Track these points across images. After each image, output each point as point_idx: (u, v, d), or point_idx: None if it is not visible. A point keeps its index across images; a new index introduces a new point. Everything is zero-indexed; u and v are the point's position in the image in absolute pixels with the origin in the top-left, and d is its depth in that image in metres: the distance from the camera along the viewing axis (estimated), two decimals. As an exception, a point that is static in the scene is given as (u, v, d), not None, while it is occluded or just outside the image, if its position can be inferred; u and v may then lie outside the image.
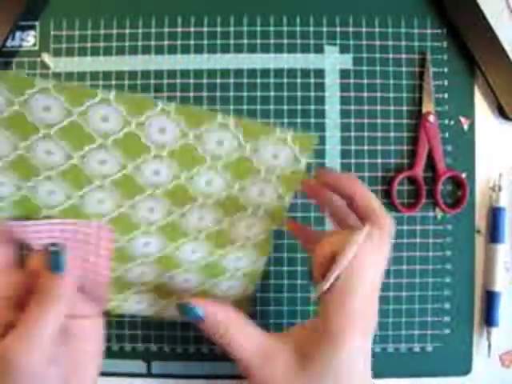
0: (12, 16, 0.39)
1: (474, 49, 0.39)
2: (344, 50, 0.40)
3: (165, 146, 0.29)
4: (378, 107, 0.40)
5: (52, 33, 0.41)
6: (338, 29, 0.41)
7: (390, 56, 0.40)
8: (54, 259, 0.28)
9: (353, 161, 0.40)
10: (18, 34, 0.41)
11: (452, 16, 0.40)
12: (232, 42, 0.41)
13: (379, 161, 0.40)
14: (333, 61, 0.40)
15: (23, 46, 0.41)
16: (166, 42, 0.41)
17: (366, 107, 0.40)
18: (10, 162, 0.29)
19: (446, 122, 0.40)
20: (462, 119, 0.40)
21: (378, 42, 0.40)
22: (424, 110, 0.40)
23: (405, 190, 0.40)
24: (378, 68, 0.40)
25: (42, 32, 0.41)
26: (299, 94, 0.40)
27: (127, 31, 0.41)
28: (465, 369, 0.40)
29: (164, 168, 0.30)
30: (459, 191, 0.40)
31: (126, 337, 0.40)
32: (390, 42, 0.40)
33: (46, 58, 0.41)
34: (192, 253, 0.33)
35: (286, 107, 0.40)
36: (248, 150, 0.29)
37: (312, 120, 0.40)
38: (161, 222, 0.32)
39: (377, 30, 0.40)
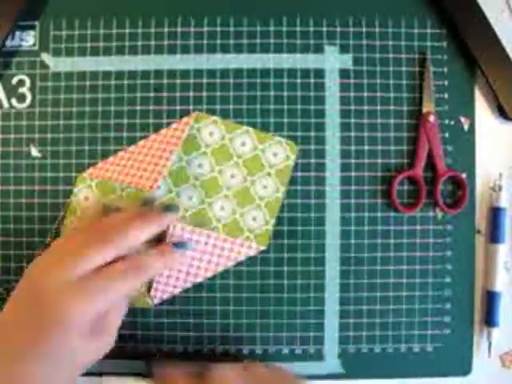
0: (12, 16, 0.39)
1: (474, 49, 0.39)
2: (344, 49, 0.40)
3: (209, 145, 0.40)
4: (378, 107, 0.40)
5: (52, 33, 0.41)
6: (338, 29, 0.41)
7: (390, 56, 0.40)
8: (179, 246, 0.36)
9: (353, 161, 0.40)
10: (17, 33, 0.41)
11: (452, 16, 0.39)
12: (232, 41, 0.41)
13: (379, 161, 0.40)
14: (333, 61, 0.40)
15: (23, 46, 0.41)
16: (165, 42, 0.41)
17: (365, 107, 0.40)
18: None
19: (446, 121, 0.40)
20: (462, 119, 0.40)
21: (377, 42, 0.40)
22: (424, 110, 0.40)
23: (405, 190, 0.40)
24: (377, 68, 0.40)
25: (41, 32, 0.41)
26: (299, 93, 0.40)
27: (127, 31, 0.41)
28: (465, 369, 0.40)
29: (206, 163, 0.40)
30: (459, 191, 0.40)
31: (126, 337, 0.40)
32: (390, 42, 0.40)
33: (46, 57, 0.41)
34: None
35: (286, 107, 0.40)
36: (259, 149, 0.40)
37: (312, 120, 0.40)
38: (193, 209, 0.40)
39: (377, 29, 0.40)
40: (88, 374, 0.40)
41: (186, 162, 0.40)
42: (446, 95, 0.40)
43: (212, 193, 0.40)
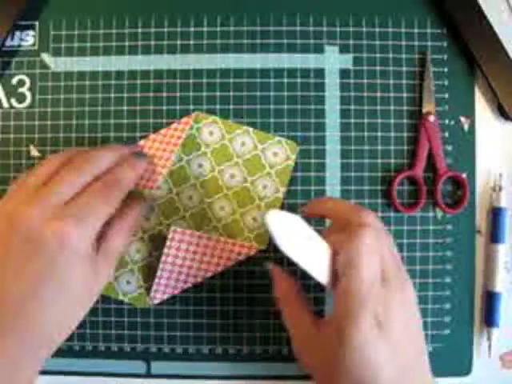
0: (11, 16, 0.39)
1: (474, 49, 0.39)
2: (344, 49, 0.40)
3: (209, 145, 0.40)
4: (378, 107, 0.40)
5: (51, 32, 0.41)
6: (338, 29, 0.41)
7: (390, 56, 0.40)
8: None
9: (353, 161, 0.40)
10: (17, 33, 0.41)
11: (452, 16, 0.39)
12: (232, 41, 0.40)
13: (379, 161, 0.40)
14: (333, 61, 0.40)
15: (22, 46, 0.41)
16: (165, 42, 0.40)
17: (365, 107, 0.40)
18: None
19: (446, 121, 0.40)
20: (462, 119, 0.40)
21: (378, 42, 0.40)
22: (424, 109, 0.40)
23: (405, 190, 0.40)
24: (377, 68, 0.40)
25: (41, 32, 0.41)
26: (299, 93, 0.40)
27: (127, 31, 0.41)
28: (465, 369, 0.40)
29: (206, 163, 0.40)
30: (459, 191, 0.40)
31: (126, 337, 0.40)
32: (390, 42, 0.40)
33: (46, 57, 0.41)
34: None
35: (286, 107, 0.40)
36: (259, 149, 0.40)
37: (312, 120, 0.40)
38: (193, 209, 0.40)
39: (377, 29, 0.40)
40: (88, 373, 0.40)
41: (186, 162, 0.40)
42: (446, 95, 0.40)
43: (212, 193, 0.40)
